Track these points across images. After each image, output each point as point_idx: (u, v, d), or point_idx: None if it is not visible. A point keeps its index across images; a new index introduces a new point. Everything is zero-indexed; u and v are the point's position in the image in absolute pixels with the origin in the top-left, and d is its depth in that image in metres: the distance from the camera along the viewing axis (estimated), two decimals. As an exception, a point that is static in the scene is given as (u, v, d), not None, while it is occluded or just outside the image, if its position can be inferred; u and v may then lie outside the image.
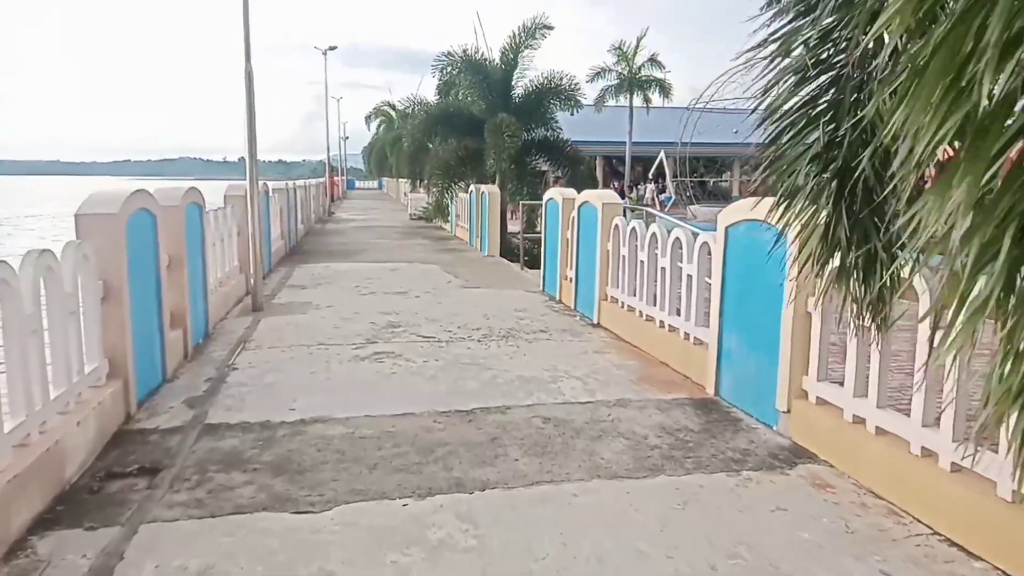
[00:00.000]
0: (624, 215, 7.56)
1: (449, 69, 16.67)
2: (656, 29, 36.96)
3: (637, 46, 37.74)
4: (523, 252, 13.07)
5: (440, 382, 5.53)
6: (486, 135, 15.25)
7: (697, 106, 34.47)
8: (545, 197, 9.96)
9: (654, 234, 6.54)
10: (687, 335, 5.84)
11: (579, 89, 16.33)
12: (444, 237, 18.76)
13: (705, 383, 5.39)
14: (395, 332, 7.25)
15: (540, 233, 12.76)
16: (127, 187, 5.22)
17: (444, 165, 16.54)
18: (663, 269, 6.30)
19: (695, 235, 5.88)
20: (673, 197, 35.89)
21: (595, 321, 7.86)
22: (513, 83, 16.29)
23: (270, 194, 12.71)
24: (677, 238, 6.05)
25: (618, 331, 7.28)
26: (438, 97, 20.28)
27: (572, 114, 16.58)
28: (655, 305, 6.45)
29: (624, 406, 4.98)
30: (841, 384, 4.07)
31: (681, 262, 6.00)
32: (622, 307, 7.28)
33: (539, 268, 11.07)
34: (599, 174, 38.49)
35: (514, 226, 18.51)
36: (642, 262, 6.79)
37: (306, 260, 13.40)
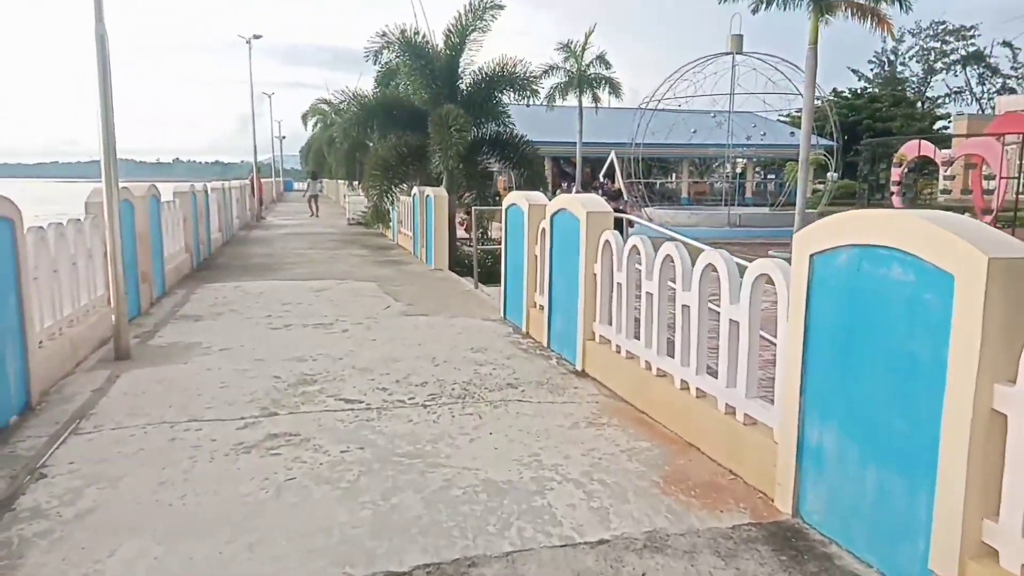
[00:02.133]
0: (622, 229, 5.67)
1: (386, 54, 14.53)
2: (597, 33, 35.56)
3: (585, 43, 36.30)
4: (477, 265, 11.08)
5: (362, 500, 3.51)
6: (430, 129, 13.20)
7: (650, 106, 33.19)
8: (505, 202, 8.02)
9: (668, 256, 4.66)
10: (731, 409, 3.98)
11: (536, 78, 14.43)
12: (385, 246, 16.63)
13: (771, 490, 3.53)
14: (306, 394, 5.19)
15: (497, 244, 10.88)
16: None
17: (383, 164, 14.38)
18: (686, 308, 4.43)
19: (737, 264, 4.02)
20: (627, 199, 34.41)
21: (578, 367, 5.95)
22: (460, 70, 14.26)
23: (164, 201, 10.40)
24: (710, 265, 4.18)
25: (612, 384, 5.39)
26: (376, 89, 18.11)
27: (528, 105, 14.67)
28: (674, 358, 4.57)
29: (661, 550, 3.06)
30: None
31: (718, 299, 4.14)
32: (618, 352, 5.40)
33: (496, 284, 9.16)
34: (547, 174, 36.77)
35: (462, 230, 16.54)
36: (649, 294, 4.91)
37: (215, 277, 11.12)
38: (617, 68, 36.46)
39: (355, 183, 26.26)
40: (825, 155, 34.27)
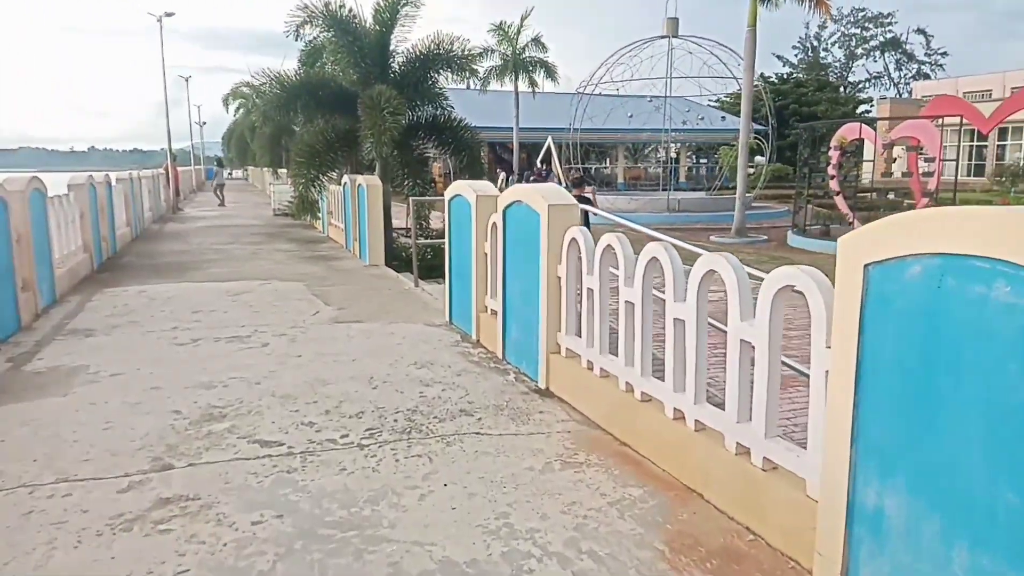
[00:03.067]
0: (587, 223, 4.87)
1: (309, 29, 13.30)
2: (531, 18, 34.80)
3: (521, 25, 35.45)
4: (417, 259, 10.10)
5: (279, 603, 2.61)
6: (360, 112, 12.10)
7: (587, 90, 32.57)
8: (448, 193, 7.11)
9: (653, 259, 3.89)
10: (744, 449, 3.24)
11: (474, 55, 13.45)
12: (314, 239, 15.43)
13: (807, 559, 2.81)
14: (212, 435, 4.20)
15: (437, 236, 9.97)
16: None
17: (309, 150, 13.17)
18: (680, 322, 3.66)
19: (750, 274, 3.27)
20: (593, 186, 33.75)
21: (541, 384, 5.14)
22: (392, 48, 13.17)
23: (55, 195, 9.04)
24: (711, 272, 3.42)
25: (584, 407, 4.61)
26: (300, 69, 16.80)
27: (467, 87, 13.71)
28: (664, 380, 3.81)
29: (690, 668, 2.29)
30: None
31: (722, 315, 3.39)
32: (589, 368, 4.61)
33: (437, 278, 8.32)
34: (484, 160, 35.73)
35: (399, 219, 15.54)
36: (629, 304, 4.13)
37: (118, 280, 9.81)
38: (551, 55, 35.78)
39: (281, 171, 24.77)
40: (758, 139, 34.47)
